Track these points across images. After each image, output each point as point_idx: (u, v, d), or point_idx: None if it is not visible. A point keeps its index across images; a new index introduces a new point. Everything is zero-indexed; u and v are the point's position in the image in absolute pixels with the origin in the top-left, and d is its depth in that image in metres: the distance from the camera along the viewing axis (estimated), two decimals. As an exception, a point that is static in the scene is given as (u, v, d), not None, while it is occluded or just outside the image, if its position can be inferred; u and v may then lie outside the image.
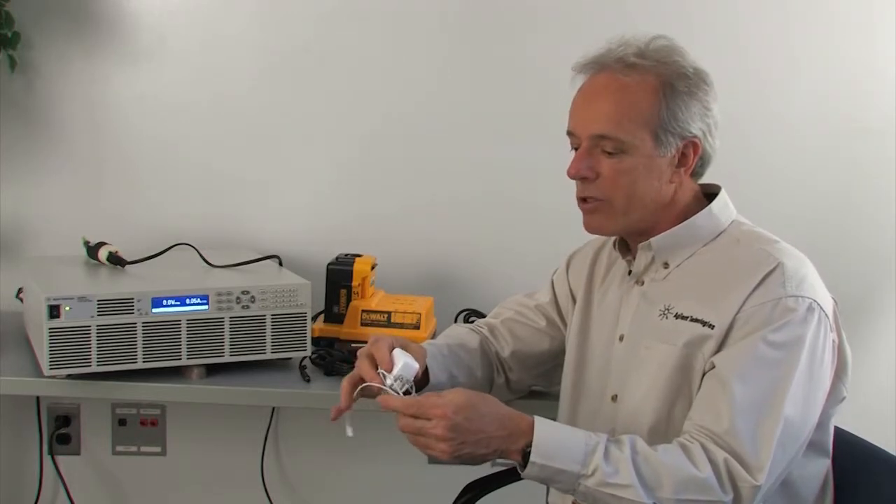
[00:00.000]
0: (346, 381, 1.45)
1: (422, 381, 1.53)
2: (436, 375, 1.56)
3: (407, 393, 1.40)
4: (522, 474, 1.34)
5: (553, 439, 1.33)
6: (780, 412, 1.31)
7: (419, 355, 1.48)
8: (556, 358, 1.69)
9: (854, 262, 2.32)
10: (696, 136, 1.44)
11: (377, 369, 1.42)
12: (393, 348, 1.43)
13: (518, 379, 1.72)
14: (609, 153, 1.43)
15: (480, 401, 1.34)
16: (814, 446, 1.42)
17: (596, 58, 1.47)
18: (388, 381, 1.39)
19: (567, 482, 1.32)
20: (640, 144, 1.42)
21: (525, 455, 1.32)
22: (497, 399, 1.37)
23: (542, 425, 1.34)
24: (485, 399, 1.35)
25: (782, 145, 2.31)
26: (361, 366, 1.44)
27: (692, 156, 1.45)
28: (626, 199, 1.44)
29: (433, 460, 2.31)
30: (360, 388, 1.42)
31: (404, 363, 1.40)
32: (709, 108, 1.45)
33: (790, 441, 1.33)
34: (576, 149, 1.47)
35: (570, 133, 1.48)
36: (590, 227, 1.50)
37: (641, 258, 1.51)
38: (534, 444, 1.31)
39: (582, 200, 1.48)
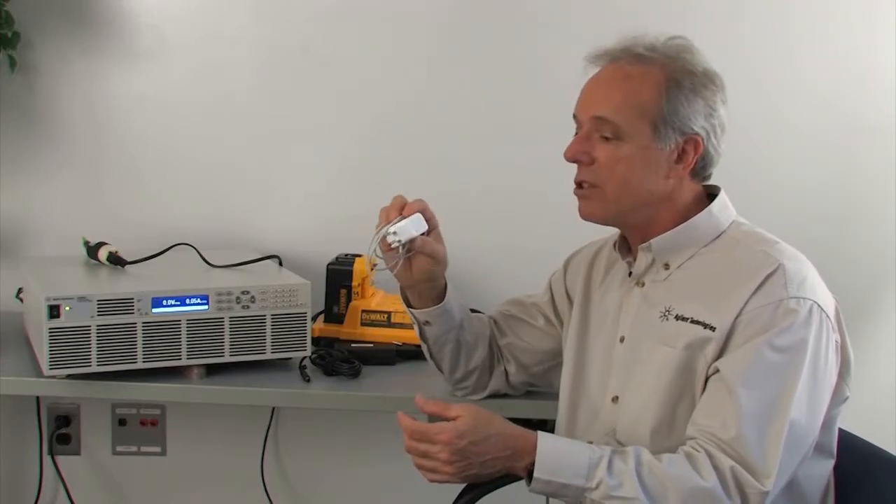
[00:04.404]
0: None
1: (436, 299, 1.61)
2: (450, 302, 1.62)
3: (400, 248, 1.51)
4: (529, 489, 1.35)
5: (556, 454, 1.34)
6: (785, 417, 1.31)
7: (439, 250, 1.57)
8: (553, 358, 1.70)
9: (854, 263, 2.32)
10: (697, 134, 1.44)
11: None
12: (416, 211, 1.53)
13: (515, 373, 1.73)
14: (606, 138, 1.44)
15: (485, 423, 1.35)
16: (819, 447, 1.41)
17: (607, 49, 1.49)
18: (384, 231, 1.51)
19: (572, 496, 1.34)
20: (638, 134, 1.42)
21: (530, 471, 1.33)
22: (502, 417, 1.38)
23: (545, 441, 1.35)
24: (490, 420, 1.36)
25: (783, 145, 2.31)
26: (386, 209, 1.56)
27: (692, 154, 1.45)
28: (619, 188, 1.45)
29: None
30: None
31: (402, 221, 1.51)
32: (714, 109, 1.45)
33: (796, 445, 1.33)
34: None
35: (574, 117, 1.50)
36: (583, 213, 1.50)
37: (642, 259, 1.51)
38: (537, 459, 1.33)
39: (577, 186, 1.49)
